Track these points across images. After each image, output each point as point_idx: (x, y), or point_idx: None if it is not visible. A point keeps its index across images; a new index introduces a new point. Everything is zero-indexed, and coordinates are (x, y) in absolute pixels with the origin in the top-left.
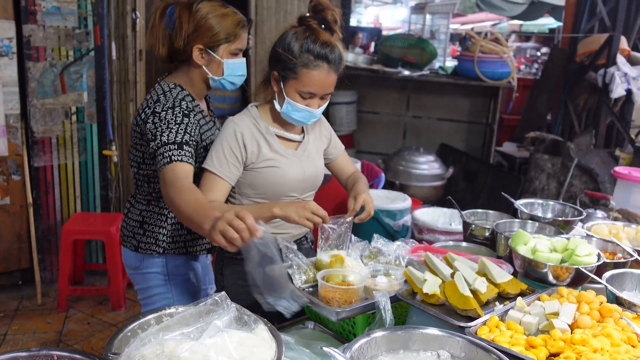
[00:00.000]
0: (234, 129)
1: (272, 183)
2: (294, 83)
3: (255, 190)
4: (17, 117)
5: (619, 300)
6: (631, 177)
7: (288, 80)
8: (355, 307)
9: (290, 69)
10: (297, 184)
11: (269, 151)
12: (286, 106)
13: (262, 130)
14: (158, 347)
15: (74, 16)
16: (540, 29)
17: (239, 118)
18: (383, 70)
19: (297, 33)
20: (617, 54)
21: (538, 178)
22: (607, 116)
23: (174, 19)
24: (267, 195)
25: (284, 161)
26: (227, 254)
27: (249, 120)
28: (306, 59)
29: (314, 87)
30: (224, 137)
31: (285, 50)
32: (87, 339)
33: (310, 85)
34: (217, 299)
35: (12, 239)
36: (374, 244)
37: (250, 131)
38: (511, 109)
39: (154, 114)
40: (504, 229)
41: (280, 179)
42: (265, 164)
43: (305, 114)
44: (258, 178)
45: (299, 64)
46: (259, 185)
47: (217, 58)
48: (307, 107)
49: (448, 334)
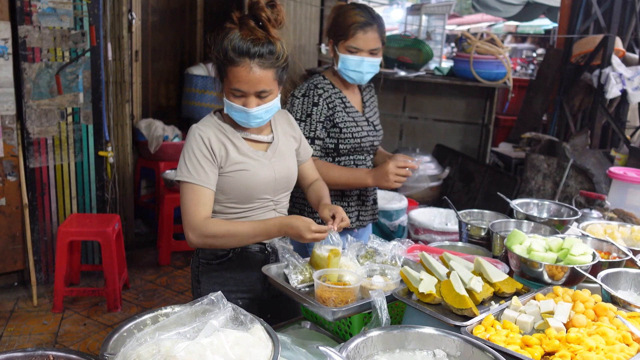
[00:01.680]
0: (200, 135)
1: (243, 187)
2: (226, 82)
3: (226, 195)
4: (12, 118)
5: (613, 299)
6: (626, 177)
7: (223, 80)
8: (351, 307)
9: (223, 69)
10: (269, 186)
11: (237, 154)
12: (226, 108)
13: (227, 134)
14: (154, 346)
15: (70, 17)
16: (536, 30)
17: (202, 124)
18: (380, 71)
19: (226, 31)
20: (612, 54)
21: (534, 178)
22: (602, 117)
23: None
24: (239, 199)
25: (253, 164)
26: (202, 260)
27: (212, 125)
28: (231, 56)
29: (240, 84)
30: (192, 145)
31: (217, 50)
32: (83, 340)
33: (236, 82)
34: (213, 298)
35: (8, 240)
36: (370, 244)
37: (215, 136)
38: (507, 110)
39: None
40: (500, 228)
41: (251, 181)
42: (234, 167)
43: (242, 114)
44: (229, 183)
45: (227, 62)
46: (229, 190)
47: (337, 52)
48: (243, 107)
49: (444, 333)
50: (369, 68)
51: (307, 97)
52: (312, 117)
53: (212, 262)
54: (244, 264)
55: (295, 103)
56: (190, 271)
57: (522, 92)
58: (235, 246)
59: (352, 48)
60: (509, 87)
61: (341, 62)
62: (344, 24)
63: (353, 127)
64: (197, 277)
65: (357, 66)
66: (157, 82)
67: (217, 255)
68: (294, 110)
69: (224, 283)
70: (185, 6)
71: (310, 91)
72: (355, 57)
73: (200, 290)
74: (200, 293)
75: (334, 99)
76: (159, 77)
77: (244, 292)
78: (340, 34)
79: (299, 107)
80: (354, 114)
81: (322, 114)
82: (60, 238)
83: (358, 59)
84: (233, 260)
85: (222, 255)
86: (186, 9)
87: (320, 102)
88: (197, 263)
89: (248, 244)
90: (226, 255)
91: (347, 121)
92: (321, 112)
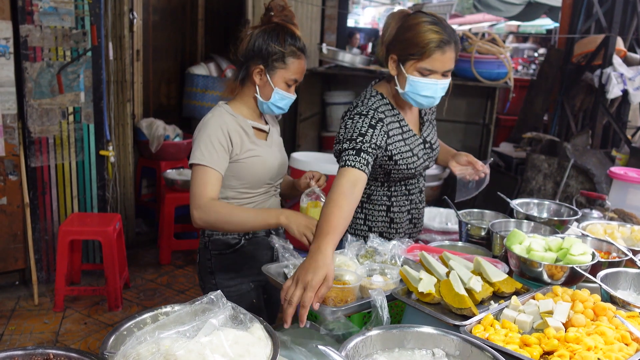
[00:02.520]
0: (219, 124)
1: (256, 172)
2: (282, 72)
3: (241, 181)
4: (14, 117)
5: (613, 299)
6: (627, 177)
7: (276, 71)
8: (351, 306)
9: (279, 60)
10: (275, 171)
11: (249, 142)
12: (274, 96)
13: (241, 123)
14: (154, 345)
15: (71, 16)
16: (537, 29)
17: (219, 113)
18: (380, 71)
19: (276, 30)
20: (613, 54)
21: (535, 178)
22: (603, 116)
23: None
24: (252, 184)
25: (262, 150)
26: (214, 251)
27: (228, 116)
28: (292, 50)
29: (299, 74)
30: (210, 132)
31: (271, 44)
32: (83, 339)
33: (297, 72)
34: (213, 297)
35: (9, 239)
36: (369, 244)
37: (233, 126)
38: (508, 110)
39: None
40: (500, 228)
41: (263, 167)
42: (248, 154)
43: (288, 101)
44: (243, 168)
45: (288, 55)
46: (244, 175)
47: (404, 72)
48: (290, 94)
49: (443, 332)
50: (441, 92)
51: (365, 117)
52: (365, 137)
53: (225, 251)
54: (254, 248)
55: (348, 124)
56: (198, 266)
57: (523, 92)
58: (234, 229)
59: (425, 70)
60: (510, 87)
61: (409, 85)
62: (417, 41)
63: (409, 158)
64: (210, 269)
65: (428, 90)
66: (158, 82)
67: (229, 244)
68: (346, 128)
69: (238, 270)
70: (187, 5)
71: (371, 111)
72: (428, 80)
73: (215, 282)
74: (215, 284)
75: (393, 126)
76: (160, 77)
77: (256, 274)
78: (411, 53)
79: (352, 126)
80: (410, 139)
81: (378, 138)
82: (61, 237)
83: (431, 82)
84: (245, 246)
85: (235, 244)
86: (187, 8)
87: (378, 127)
88: (209, 256)
89: (247, 229)
90: (238, 242)
91: (403, 152)
92: (377, 137)
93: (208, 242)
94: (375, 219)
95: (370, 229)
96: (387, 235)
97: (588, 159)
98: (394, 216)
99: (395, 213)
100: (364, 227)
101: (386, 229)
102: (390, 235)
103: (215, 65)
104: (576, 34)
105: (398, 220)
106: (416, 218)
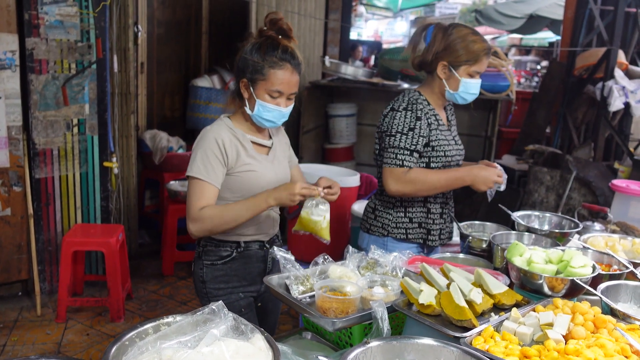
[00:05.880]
0: (214, 137)
1: (250, 186)
2: (263, 84)
3: (234, 194)
4: (19, 128)
5: (613, 312)
6: (629, 190)
7: (257, 83)
8: (352, 317)
9: (259, 72)
10: (271, 186)
11: (246, 156)
12: (257, 108)
13: (238, 137)
14: (155, 355)
15: (77, 29)
16: (540, 42)
17: (217, 126)
18: (383, 84)
19: (260, 42)
20: (615, 67)
21: (537, 191)
22: (605, 129)
23: (431, 37)
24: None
25: (259, 165)
26: (206, 262)
27: (226, 129)
28: (272, 61)
29: (282, 85)
30: (206, 145)
31: (252, 56)
32: (86, 350)
33: (278, 83)
34: (215, 308)
35: (13, 249)
36: (371, 255)
37: (229, 138)
38: (510, 122)
39: (392, 109)
40: (501, 240)
41: (257, 182)
42: (243, 168)
43: (275, 113)
44: (237, 182)
45: (267, 66)
46: (237, 189)
47: (456, 75)
48: (276, 106)
49: (443, 344)
50: (478, 90)
51: (410, 112)
52: (414, 130)
53: (216, 262)
54: (245, 261)
55: (397, 116)
56: (193, 275)
57: (525, 104)
58: (232, 226)
59: (475, 73)
60: (512, 99)
61: (462, 86)
62: (471, 50)
63: (445, 146)
64: (202, 279)
65: (475, 89)
66: (162, 94)
67: (221, 256)
68: (394, 123)
69: (228, 281)
70: (191, 19)
71: (412, 105)
72: (476, 81)
73: (206, 291)
74: (206, 293)
75: (430, 116)
76: (164, 89)
77: (246, 286)
78: (466, 59)
79: (401, 120)
80: (445, 132)
81: (422, 129)
82: (65, 248)
83: (478, 82)
84: (236, 259)
85: (227, 256)
86: (191, 22)
87: (422, 117)
88: (201, 265)
89: (243, 220)
90: (230, 255)
91: (440, 139)
92: (422, 128)
93: (202, 252)
94: (414, 210)
95: (411, 220)
96: (426, 226)
97: (590, 172)
98: (430, 206)
99: (431, 203)
100: (405, 219)
101: (424, 218)
102: (429, 226)
103: (218, 78)
104: (578, 47)
105: (434, 210)
106: (446, 213)
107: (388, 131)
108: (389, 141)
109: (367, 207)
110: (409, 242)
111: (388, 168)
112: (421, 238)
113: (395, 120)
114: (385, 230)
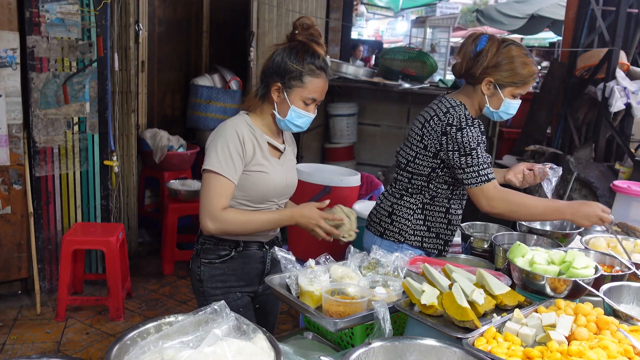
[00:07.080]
0: (236, 130)
1: (259, 187)
2: (299, 91)
3: (243, 193)
4: (19, 127)
5: (616, 313)
6: (630, 191)
7: (293, 89)
8: (354, 318)
9: (297, 78)
10: (279, 191)
11: (261, 157)
12: (290, 113)
13: (256, 135)
14: (157, 355)
15: (78, 28)
16: (541, 42)
17: (238, 120)
18: (384, 83)
19: (297, 48)
20: (616, 68)
21: (538, 191)
22: (606, 130)
23: (482, 48)
24: (253, 199)
25: (271, 168)
26: (204, 260)
27: (245, 125)
28: (310, 69)
29: (317, 93)
30: (227, 138)
31: (291, 62)
32: (85, 348)
33: (315, 91)
34: (217, 308)
35: (13, 248)
36: (372, 255)
37: (248, 135)
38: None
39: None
40: (503, 241)
41: (267, 184)
42: (256, 168)
43: (306, 119)
44: (248, 181)
45: (305, 73)
46: (247, 188)
47: (501, 95)
48: (308, 112)
49: (445, 345)
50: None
51: (472, 127)
52: (484, 141)
53: (214, 261)
54: (244, 261)
55: (466, 134)
56: (190, 273)
57: (526, 104)
58: (249, 233)
59: (519, 95)
60: None
61: (504, 106)
62: (522, 73)
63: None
64: (199, 277)
65: (514, 110)
66: (162, 93)
67: (220, 255)
68: (465, 140)
69: (225, 280)
70: (192, 17)
71: (474, 120)
72: (517, 102)
73: (203, 289)
74: (203, 292)
75: None
76: (165, 88)
77: (243, 286)
78: (514, 81)
79: (473, 135)
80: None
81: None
82: (65, 247)
83: (517, 103)
84: (235, 258)
85: (225, 255)
86: (192, 20)
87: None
88: (199, 263)
89: (260, 231)
90: (229, 254)
91: None
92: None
93: (200, 250)
94: (434, 220)
95: (429, 229)
96: (444, 237)
97: (591, 172)
98: (451, 217)
99: (453, 215)
100: (423, 227)
101: (443, 229)
102: (447, 237)
103: (219, 77)
104: (579, 48)
105: (455, 222)
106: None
107: (461, 151)
108: (466, 161)
109: (381, 209)
110: (423, 250)
111: (476, 188)
112: (436, 249)
113: (465, 138)
114: (402, 236)
